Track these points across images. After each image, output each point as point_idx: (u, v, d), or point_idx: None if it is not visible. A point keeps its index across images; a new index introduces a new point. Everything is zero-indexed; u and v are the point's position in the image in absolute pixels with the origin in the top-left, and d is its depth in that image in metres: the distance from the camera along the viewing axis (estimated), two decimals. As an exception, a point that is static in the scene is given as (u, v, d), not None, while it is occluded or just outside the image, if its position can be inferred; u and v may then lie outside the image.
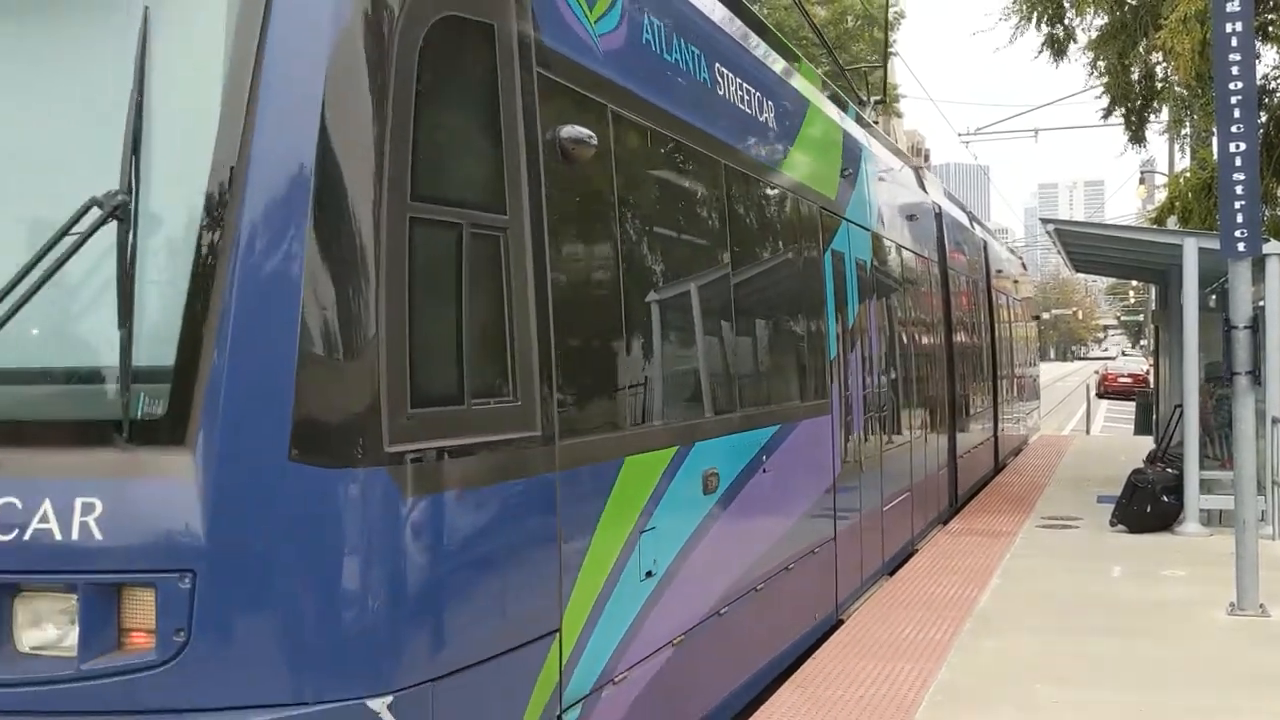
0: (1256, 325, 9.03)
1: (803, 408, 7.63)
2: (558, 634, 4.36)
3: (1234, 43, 8.43)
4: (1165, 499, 12.07)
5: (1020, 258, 30.20)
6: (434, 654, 3.73)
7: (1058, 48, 17.08)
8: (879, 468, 9.79)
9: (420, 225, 3.73)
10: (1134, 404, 31.66)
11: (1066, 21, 16.91)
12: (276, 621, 3.50)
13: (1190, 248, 11.77)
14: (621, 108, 5.09)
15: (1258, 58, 12.89)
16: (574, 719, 4.51)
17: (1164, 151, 34.14)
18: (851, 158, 9.60)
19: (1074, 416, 37.90)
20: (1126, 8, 15.80)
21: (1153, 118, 18.63)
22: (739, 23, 7.19)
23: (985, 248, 18.38)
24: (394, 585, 3.60)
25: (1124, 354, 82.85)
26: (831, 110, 9.43)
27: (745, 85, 6.95)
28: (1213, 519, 12.07)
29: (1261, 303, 11.27)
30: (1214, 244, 10.02)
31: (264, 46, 3.57)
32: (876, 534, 9.70)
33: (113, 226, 3.47)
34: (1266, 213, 14.64)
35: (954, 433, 13.99)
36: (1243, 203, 8.53)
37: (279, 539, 3.49)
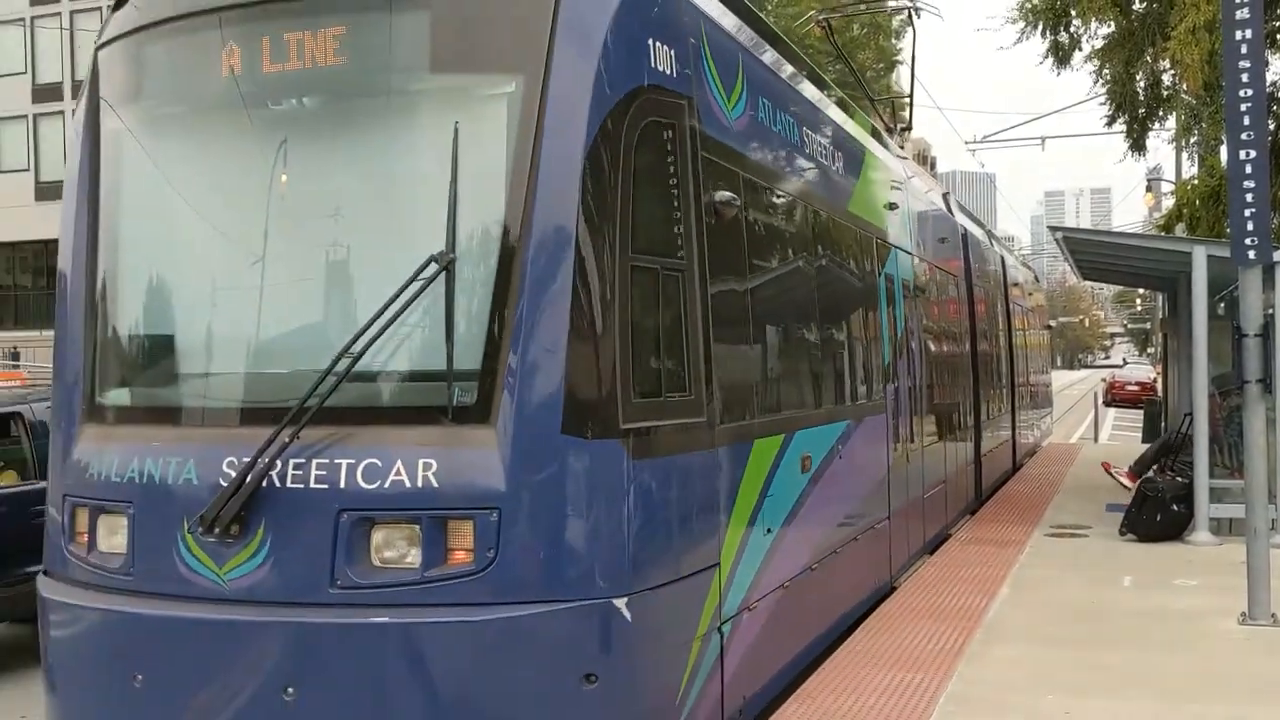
0: (1268, 333, 8.97)
1: (866, 406, 9.10)
2: (717, 567, 5.85)
3: (1244, 50, 8.40)
4: (1175, 508, 11.99)
5: (1032, 270, 31.20)
6: (650, 571, 5.19)
7: (1061, 55, 17.00)
8: (921, 461, 11.14)
9: (635, 270, 5.23)
10: (1141, 412, 31.61)
11: (1072, 30, 16.82)
12: (554, 544, 4.95)
13: (1199, 256, 11.72)
14: (747, 172, 6.53)
15: (1266, 65, 12.85)
16: (727, 631, 5.98)
17: (1170, 159, 34.04)
18: (896, 190, 10.97)
19: (1081, 424, 37.80)
20: (1133, 17, 15.72)
21: (1157, 126, 18.55)
22: (812, 88, 8.60)
23: (1003, 262, 19.51)
24: (626, 521, 5.07)
25: (1125, 361, 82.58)
26: (880, 151, 10.78)
27: (822, 141, 8.44)
28: (1223, 528, 12.00)
29: (1272, 310, 11.21)
30: (1224, 252, 9.99)
31: (539, 149, 5.03)
32: (920, 517, 11.13)
33: (442, 275, 5.00)
34: (1277, 220, 14.58)
35: (979, 434, 15.05)
36: (1253, 210, 8.49)
37: (554, 487, 4.95)
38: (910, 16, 15.79)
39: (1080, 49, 16.91)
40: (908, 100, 16.25)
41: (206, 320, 5.58)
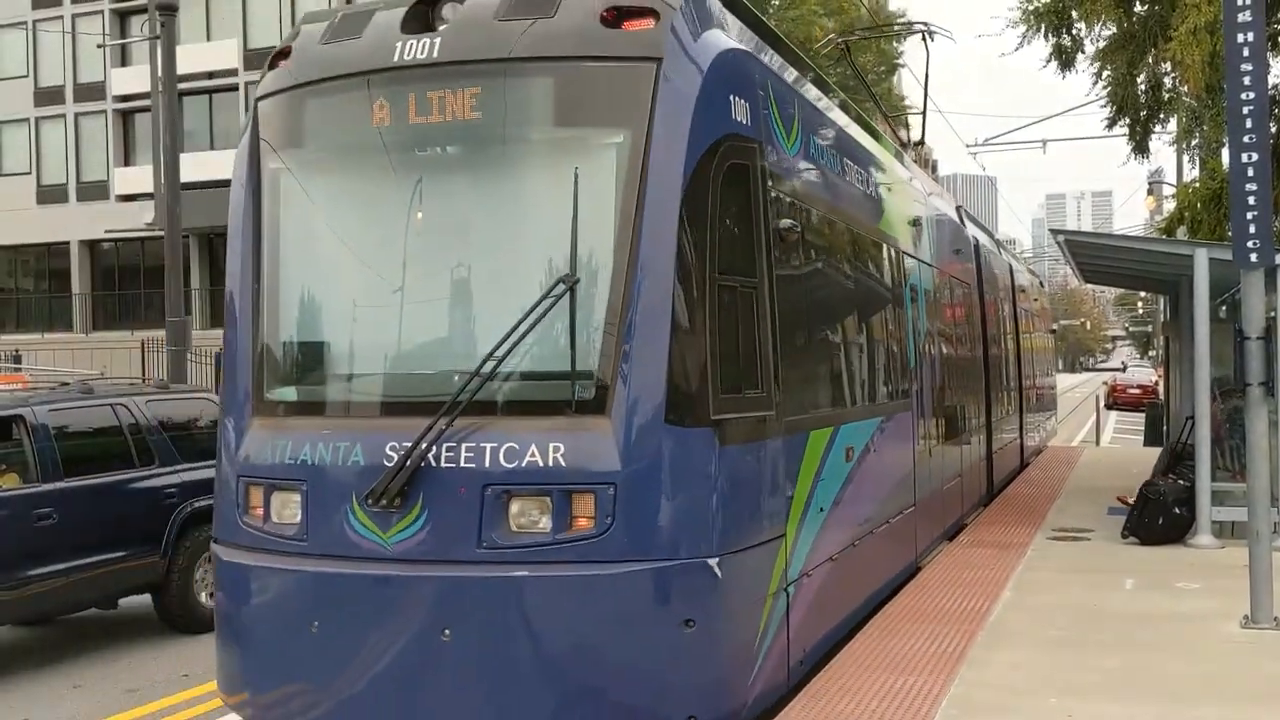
0: (1270, 336, 8.95)
1: (895, 405, 10.03)
2: (784, 537, 6.86)
3: (1245, 53, 8.39)
4: (1177, 511, 11.97)
5: (1037, 276, 32.76)
6: (735, 537, 6.23)
7: (1065, 58, 16.96)
8: (941, 456, 12.14)
9: (721, 288, 6.22)
10: (1143, 415, 31.62)
11: (1075, 32, 16.79)
12: (659, 512, 5.97)
13: (1201, 258, 11.69)
14: (802, 201, 7.55)
15: (1268, 68, 12.83)
16: (792, 592, 7.00)
17: (1171, 161, 34.09)
18: (918, 207, 12.00)
19: (1083, 427, 37.78)
20: (1135, 18, 15.70)
21: (1158, 128, 18.49)
22: (850, 121, 9.72)
23: (1010, 269, 20.54)
24: (716, 496, 6.10)
25: (1124, 365, 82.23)
26: (903, 172, 11.79)
27: (858, 168, 9.45)
28: (1225, 531, 11.99)
29: (1274, 313, 11.19)
30: (1226, 255, 9.99)
31: (644, 188, 6.04)
32: (940, 507, 12.10)
33: (568, 293, 5.97)
34: (1279, 223, 14.55)
35: (990, 432, 15.85)
36: (1255, 213, 8.48)
37: (659, 467, 5.96)
38: (924, 39, 16.13)
39: (1084, 51, 16.88)
40: (920, 115, 16.64)
41: (364, 329, 6.66)
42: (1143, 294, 62.32)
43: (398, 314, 6.52)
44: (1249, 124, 8.45)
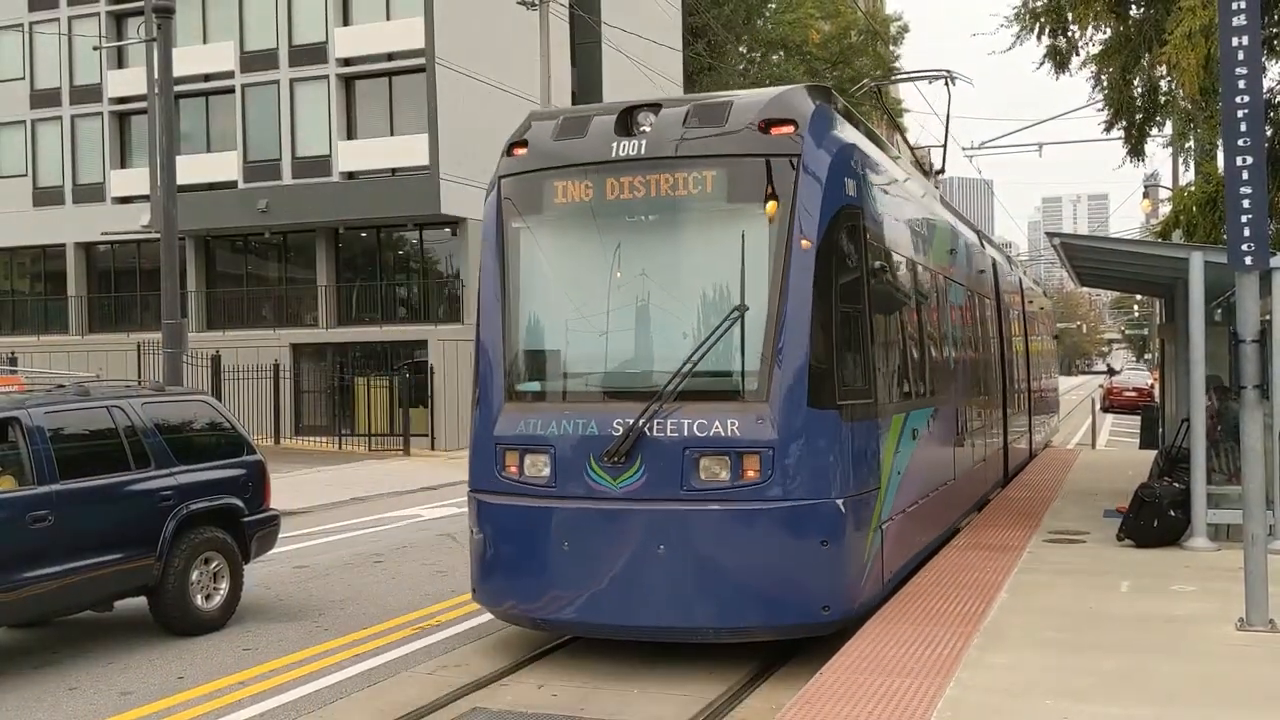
0: (1264, 339, 8.93)
1: (941, 398, 12.33)
2: (879, 489, 9.39)
3: (1240, 56, 8.40)
4: (1173, 513, 11.97)
5: (1042, 286, 35.78)
6: (852, 485, 8.83)
7: (1059, 60, 16.96)
8: (972, 442, 14.48)
9: (840, 312, 8.79)
10: (1139, 418, 31.60)
11: (1069, 34, 16.78)
12: (804, 466, 8.54)
13: (1196, 262, 11.68)
14: (885, 246, 10.00)
15: (1263, 71, 12.83)
16: (883, 530, 9.51)
17: (1167, 165, 34.13)
18: (952, 235, 14.38)
19: (1079, 430, 37.79)
20: (1130, 22, 15.70)
21: (1155, 131, 18.48)
22: (905, 175, 12.15)
23: (1020, 283, 23.01)
24: (841, 457, 8.71)
25: (1111, 367, 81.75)
26: (941, 209, 14.34)
27: (915, 214, 11.85)
28: (1221, 533, 12.00)
29: (1268, 316, 11.20)
30: (1221, 258, 9.98)
31: (790, 244, 8.63)
32: (970, 483, 14.45)
33: (740, 318, 8.63)
34: (1273, 226, 14.55)
35: (1006, 424, 18.15)
36: (1250, 216, 8.48)
37: (803, 436, 8.53)
38: (947, 84, 16.76)
39: (1078, 54, 16.88)
40: (941, 148, 18.35)
41: (588, 341, 9.20)
42: (1139, 297, 62.38)
43: (613, 330, 9.10)
44: (1244, 128, 8.45)
